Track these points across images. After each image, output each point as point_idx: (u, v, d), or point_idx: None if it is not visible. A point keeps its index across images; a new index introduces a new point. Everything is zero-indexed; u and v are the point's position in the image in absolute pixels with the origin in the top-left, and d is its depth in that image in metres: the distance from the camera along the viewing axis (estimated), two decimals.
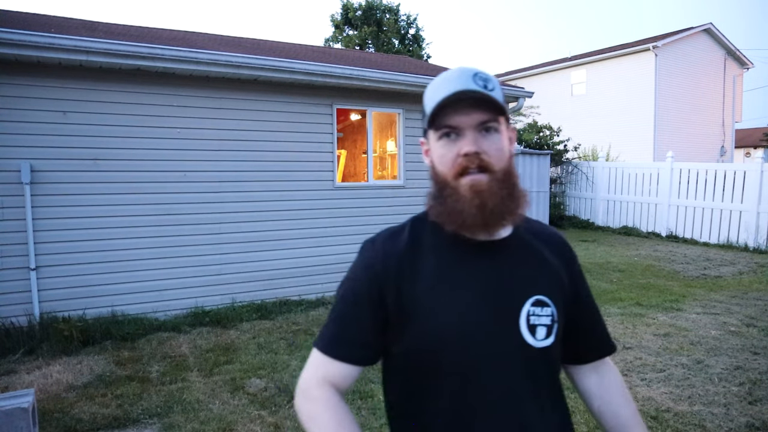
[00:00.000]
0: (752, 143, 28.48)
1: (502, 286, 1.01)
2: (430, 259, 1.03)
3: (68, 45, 4.70)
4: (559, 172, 14.26)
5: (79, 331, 4.72)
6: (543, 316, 1.01)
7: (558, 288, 1.07)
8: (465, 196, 0.96)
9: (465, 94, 0.94)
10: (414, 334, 1.00)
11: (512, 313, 1.00)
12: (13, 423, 2.68)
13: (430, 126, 1.01)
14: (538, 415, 1.01)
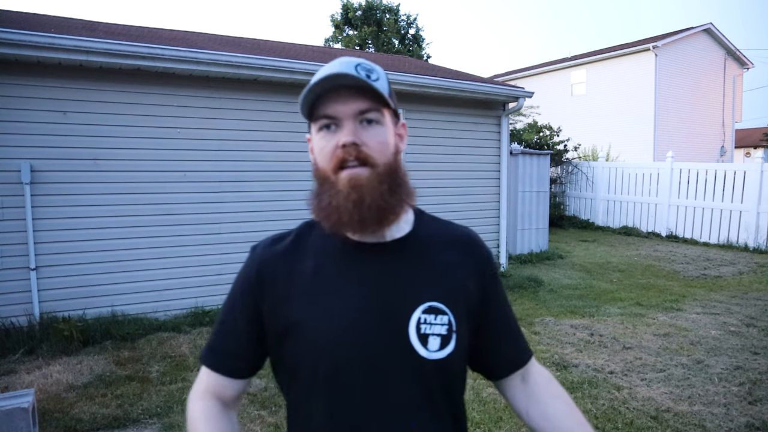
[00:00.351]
0: (752, 143, 28.49)
1: (391, 291, 0.92)
2: (311, 264, 0.96)
3: (68, 45, 4.70)
4: (559, 172, 14.26)
5: (79, 331, 4.71)
6: (436, 324, 0.92)
7: (461, 295, 0.97)
8: (342, 191, 0.88)
9: (339, 79, 0.87)
10: (291, 346, 0.94)
11: (400, 321, 0.91)
12: (13, 423, 2.68)
13: (310, 117, 0.94)
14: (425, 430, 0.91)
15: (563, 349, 4.76)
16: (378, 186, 0.89)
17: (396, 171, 0.94)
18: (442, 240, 1.03)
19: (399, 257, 0.96)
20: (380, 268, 0.94)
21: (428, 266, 0.97)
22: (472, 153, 7.72)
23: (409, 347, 0.90)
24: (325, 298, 0.93)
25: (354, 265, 0.95)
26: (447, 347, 0.92)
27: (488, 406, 3.64)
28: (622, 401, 3.71)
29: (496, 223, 8.06)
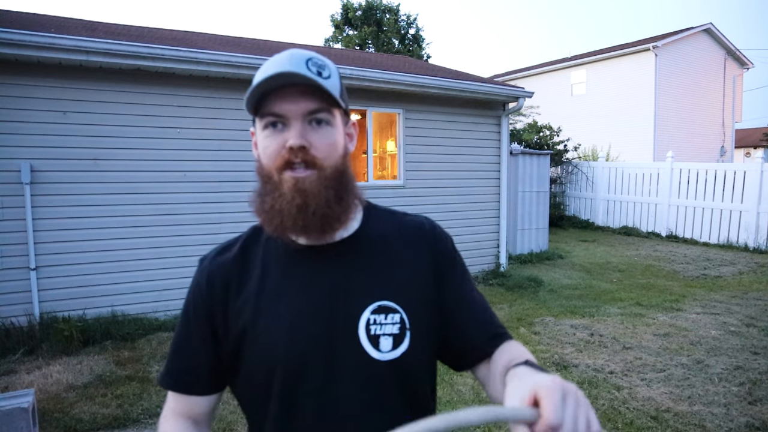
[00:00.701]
0: (752, 143, 28.49)
1: (339, 293, 0.90)
2: (258, 271, 0.94)
3: (68, 45, 4.70)
4: (559, 172, 14.26)
5: (79, 331, 4.72)
6: (387, 324, 0.89)
7: (414, 290, 0.93)
8: (286, 195, 0.85)
9: (289, 77, 0.83)
10: (243, 354, 0.91)
11: (349, 323, 0.88)
12: (13, 423, 2.68)
13: (256, 113, 0.89)
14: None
15: (563, 349, 4.76)
16: (324, 191, 0.86)
17: (344, 174, 0.90)
18: (392, 234, 0.99)
19: (346, 257, 0.93)
20: (327, 270, 0.92)
21: (377, 264, 0.94)
22: (472, 153, 7.72)
23: (359, 349, 0.87)
24: (273, 303, 0.91)
25: (301, 268, 0.92)
26: (400, 346, 0.89)
27: None
28: (622, 401, 3.71)
29: (496, 223, 8.05)
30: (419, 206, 6.87)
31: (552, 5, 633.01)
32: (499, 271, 7.88)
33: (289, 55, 0.87)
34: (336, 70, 0.92)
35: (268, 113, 0.86)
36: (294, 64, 0.84)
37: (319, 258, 0.92)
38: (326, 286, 0.90)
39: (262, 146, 0.88)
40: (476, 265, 7.73)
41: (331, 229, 0.89)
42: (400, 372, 0.89)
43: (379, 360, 0.87)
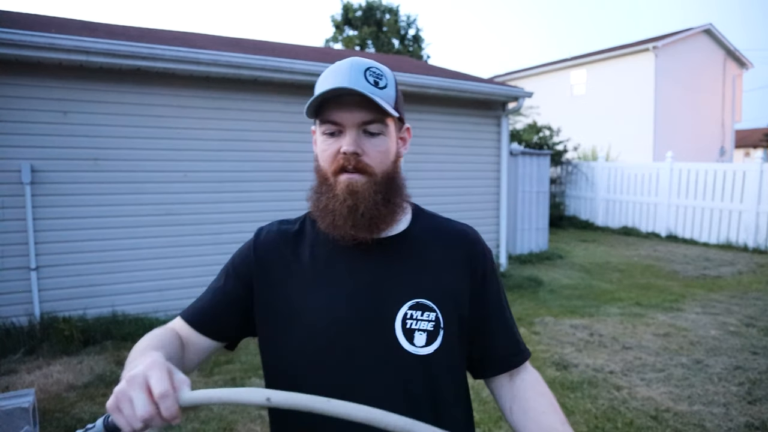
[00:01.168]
0: (752, 143, 28.47)
1: (380, 286, 0.95)
2: (308, 253, 1.00)
3: (68, 45, 4.70)
4: (559, 172, 14.27)
5: (79, 331, 4.72)
6: (423, 320, 0.93)
7: (452, 292, 0.98)
8: (339, 196, 0.93)
9: (345, 91, 0.89)
10: (281, 328, 0.97)
11: (387, 315, 0.93)
12: (14, 423, 2.68)
13: (316, 117, 0.97)
14: None
15: (563, 349, 4.77)
16: (373, 195, 0.92)
17: (393, 179, 0.98)
18: (437, 237, 1.04)
19: (391, 254, 0.98)
20: (372, 264, 0.97)
21: (420, 263, 0.99)
22: (472, 153, 7.73)
23: (393, 341, 0.92)
24: (317, 287, 0.96)
25: (348, 258, 0.98)
26: (433, 344, 0.93)
27: (488, 406, 3.65)
28: (622, 401, 3.71)
29: (496, 223, 8.06)
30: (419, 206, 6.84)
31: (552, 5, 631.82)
32: (499, 271, 7.88)
33: (350, 65, 0.93)
34: (393, 78, 0.98)
35: (326, 120, 0.94)
36: (353, 75, 0.91)
37: (365, 251, 0.97)
38: (368, 278, 0.96)
39: (321, 149, 0.97)
40: None
41: (378, 229, 0.96)
42: (428, 368, 0.93)
43: (411, 353, 0.92)
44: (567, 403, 3.69)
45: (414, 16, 23.60)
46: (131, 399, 0.67)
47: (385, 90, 0.93)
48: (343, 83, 0.89)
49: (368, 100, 0.89)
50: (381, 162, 0.94)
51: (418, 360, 0.92)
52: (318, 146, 0.99)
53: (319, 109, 0.94)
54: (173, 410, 0.67)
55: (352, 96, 0.90)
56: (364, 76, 0.91)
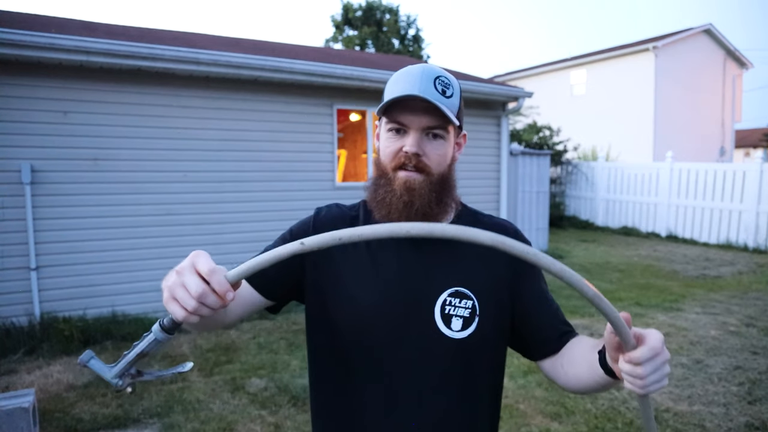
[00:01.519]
0: (752, 143, 28.47)
1: (423, 274, 1.03)
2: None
3: (69, 45, 4.70)
4: (559, 172, 14.26)
5: (79, 331, 4.72)
6: (460, 307, 1.01)
7: (490, 282, 1.05)
8: (396, 191, 1.00)
9: (417, 99, 0.96)
10: (331, 303, 1.04)
11: (428, 300, 1.01)
12: (14, 422, 2.69)
13: (383, 114, 1.03)
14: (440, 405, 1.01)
15: None
16: (428, 193, 1.01)
17: (447, 181, 1.07)
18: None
19: (434, 245, 1.06)
20: (418, 253, 1.05)
21: (460, 254, 1.06)
22: (472, 153, 7.73)
23: (432, 324, 1.00)
24: (366, 271, 1.04)
25: (396, 247, 1.05)
26: (468, 328, 1.01)
27: None
28: (622, 401, 3.71)
29: None
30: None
31: (552, 6, 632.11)
32: None
33: (421, 72, 1.00)
34: (459, 88, 1.05)
35: (393, 120, 1.01)
36: (424, 82, 0.98)
37: (413, 242, 1.05)
38: (414, 266, 1.04)
39: (384, 145, 1.04)
40: None
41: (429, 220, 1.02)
42: (462, 351, 1.01)
43: (449, 336, 1.00)
44: (567, 403, 3.69)
45: (414, 16, 23.59)
46: (183, 283, 0.74)
47: (451, 99, 1.00)
48: (414, 90, 0.96)
49: (435, 107, 0.97)
50: (438, 164, 1.03)
51: (453, 343, 1.00)
52: (381, 141, 1.06)
53: (388, 108, 1.00)
54: (224, 283, 0.72)
55: (421, 101, 0.97)
56: (433, 84, 0.98)
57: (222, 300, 0.73)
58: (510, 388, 3.96)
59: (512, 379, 4.12)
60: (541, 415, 3.54)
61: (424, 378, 1.00)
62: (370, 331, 1.01)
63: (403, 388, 1.00)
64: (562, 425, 3.40)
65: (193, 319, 0.74)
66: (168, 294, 0.75)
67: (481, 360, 1.05)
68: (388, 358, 1.00)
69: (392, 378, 1.00)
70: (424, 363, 1.00)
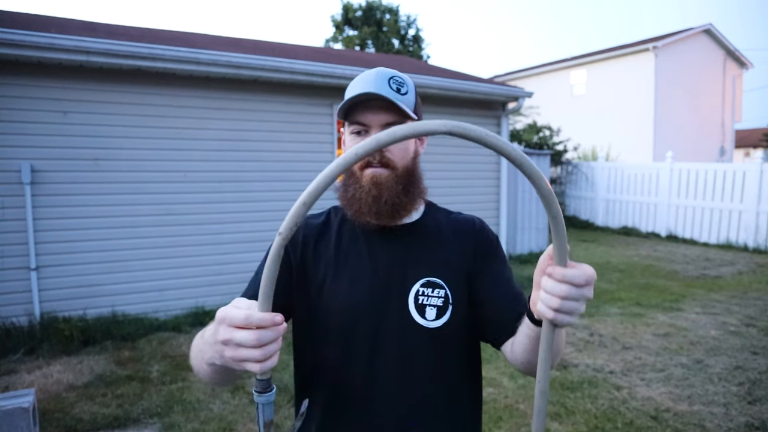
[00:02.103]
0: (752, 143, 28.45)
1: (396, 267, 1.08)
2: (335, 239, 1.13)
3: (69, 45, 4.70)
4: (559, 172, 14.26)
5: (79, 331, 4.72)
6: (433, 296, 1.06)
7: (459, 272, 1.09)
8: (365, 186, 1.05)
9: (372, 96, 1.02)
10: (307, 311, 1.09)
11: (401, 292, 1.06)
12: (14, 423, 2.68)
13: (344, 118, 1.09)
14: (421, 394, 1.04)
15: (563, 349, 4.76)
16: (395, 185, 1.05)
17: (413, 173, 1.11)
18: (445, 226, 1.17)
19: (406, 239, 1.11)
20: (390, 248, 1.10)
21: (430, 247, 1.12)
22: (472, 153, 7.73)
23: (407, 314, 1.05)
24: (340, 269, 1.09)
25: (368, 243, 1.11)
26: (443, 317, 1.06)
27: (488, 406, 3.65)
28: (622, 401, 3.71)
29: (496, 223, 8.06)
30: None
31: (551, 6, 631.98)
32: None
33: (375, 74, 1.06)
34: (413, 86, 1.12)
35: (354, 121, 1.07)
36: (379, 82, 1.04)
37: (384, 236, 1.11)
38: (386, 259, 1.09)
39: (348, 147, 1.10)
40: None
41: (399, 216, 1.09)
42: (438, 340, 1.06)
43: (423, 326, 1.05)
44: (567, 403, 3.69)
45: (414, 16, 23.58)
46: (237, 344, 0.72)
47: (407, 96, 1.07)
48: (370, 89, 1.02)
49: (391, 104, 1.03)
50: (402, 158, 1.08)
51: (428, 332, 1.05)
52: (346, 144, 1.11)
53: (348, 111, 1.07)
54: (264, 316, 0.71)
55: (378, 101, 1.03)
56: (388, 83, 1.05)
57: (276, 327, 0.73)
58: (510, 388, 3.96)
59: (512, 379, 4.12)
60: None
61: (404, 368, 1.04)
62: (348, 327, 1.05)
63: (384, 379, 1.03)
64: (562, 425, 3.40)
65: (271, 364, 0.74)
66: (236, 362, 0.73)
67: (458, 346, 1.09)
68: (367, 352, 1.04)
69: (373, 370, 1.04)
70: (402, 354, 1.04)
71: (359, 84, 1.05)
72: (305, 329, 1.12)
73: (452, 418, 1.09)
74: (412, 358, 1.04)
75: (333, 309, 1.06)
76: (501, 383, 4.05)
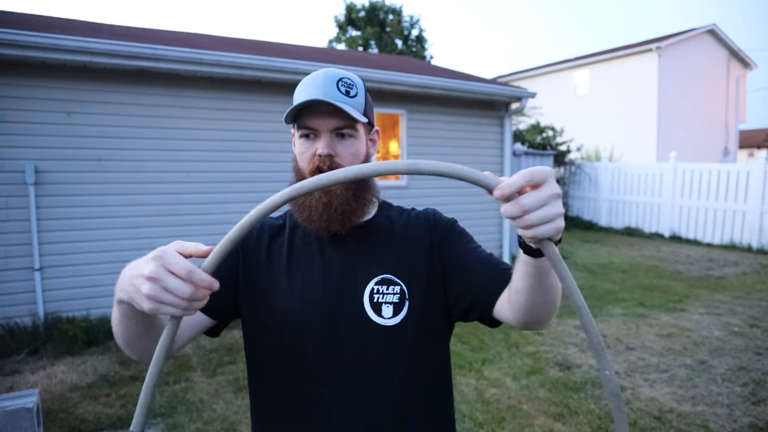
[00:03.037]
0: (756, 144, 28.38)
1: (349, 267, 1.06)
2: (286, 244, 1.11)
3: (72, 46, 4.72)
4: (562, 172, 14.23)
5: (83, 331, 4.73)
6: (389, 294, 1.04)
7: (415, 266, 1.07)
8: (314, 193, 1.02)
9: (320, 103, 0.99)
10: (264, 309, 1.06)
11: (355, 292, 1.04)
12: (18, 423, 2.69)
13: (293, 122, 1.07)
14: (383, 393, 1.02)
15: (566, 350, 4.76)
16: (344, 192, 1.03)
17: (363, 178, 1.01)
18: (398, 222, 1.15)
19: (359, 239, 1.09)
20: (342, 249, 1.08)
21: (383, 245, 1.10)
22: (475, 153, 7.73)
23: (363, 314, 1.02)
24: (292, 272, 1.07)
25: (320, 246, 1.09)
26: (399, 314, 1.03)
27: (491, 407, 3.64)
28: (626, 402, 3.70)
29: (499, 224, 8.05)
30: (422, 207, 6.85)
31: (554, 7, 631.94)
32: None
33: (324, 77, 1.03)
34: (363, 87, 1.09)
35: (303, 126, 1.05)
36: (327, 86, 1.01)
37: (336, 240, 1.08)
38: (339, 261, 1.07)
39: (299, 151, 1.07)
40: None
41: (350, 222, 1.06)
42: (398, 337, 1.03)
43: (381, 325, 1.02)
44: (570, 403, 3.69)
45: (417, 17, 23.58)
46: (166, 287, 0.69)
47: (356, 98, 1.04)
48: (317, 95, 0.99)
49: (339, 109, 1.00)
50: (352, 162, 1.04)
51: (386, 330, 1.02)
52: (296, 148, 1.08)
53: (297, 115, 1.04)
54: (206, 278, 0.70)
55: (325, 105, 1.00)
56: (336, 86, 1.02)
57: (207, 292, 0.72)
58: (513, 388, 3.96)
59: (515, 379, 4.12)
60: (544, 415, 3.53)
61: (363, 368, 1.01)
62: (302, 331, 1.03)
63: (344, 381, 1.01)
64: (565, 426, 3.39)
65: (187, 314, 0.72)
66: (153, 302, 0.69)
67: (420, 342, 1.06)
68: (324, 355, 1.02)
69: (332, 372, 1.02)
70: (360, 354, 1.02)
71: (306, 88, 1.02)
72: (252, 332, 1.10)
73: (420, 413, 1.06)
74: (371, 356, 1.02)
75: (282, 313, 1.04)
76: (504, 383, 4.04)
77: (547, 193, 0.68)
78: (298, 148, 1.08)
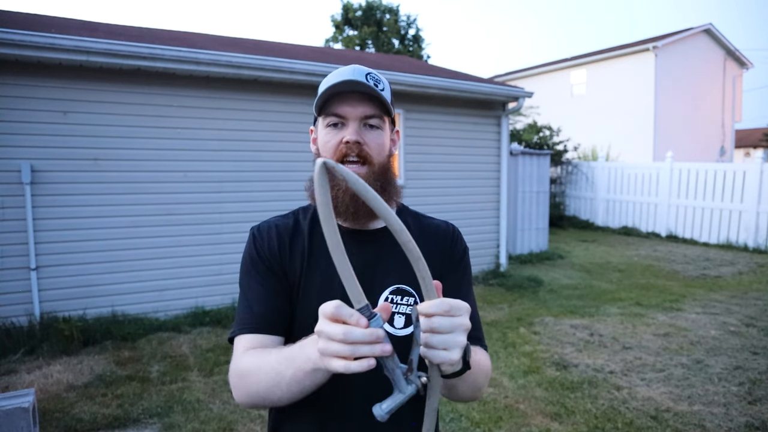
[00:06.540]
0: (752, 143, 28.46)
1: (365, 273, 1.03)
2: (305, 243, 1.09)
3: (69, 45, 4.70)
4: (559, 172, 14.26)
5: (79, 331, 4.72)
6: (402, 304, 1.03)
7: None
8: (341, 184, 1.00)
9: (354, 85, 0.98)
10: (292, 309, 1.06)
11: (370, 299, 1.01)
12: (14, 423, 2.68)
13: (320, 113, 1.05)
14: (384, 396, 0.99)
15: (563, 349, 4.77)
16: (372, 183, 1.00)
17: (388, 171, 1.07)
18: (416, 230, 1.12)
19: (376, 244, 1.08)
20: (361, 252, 1.05)
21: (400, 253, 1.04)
22: (472, 153, 7.73)
23: None
24: (312, 275, 1.06)
25: None
26: (411, 326, 1.02)
27: (488, 406, 3.65)
28: (622, 401, 3.71)
29: (496, 223, 8.06)
30: (420, 206, 6.81)
31: (551, 7, 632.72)
32: (499, 271, 7.88)
33: (352, 69, 1.02)
34: (388, 85, 1.08)
35: (331, 113, 1.02)
36: (357, 75, 1.00)
37: (355, 240, 1.06)
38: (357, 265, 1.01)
39: (323, 141, 1.05)
40: (476, 265, 7.73)
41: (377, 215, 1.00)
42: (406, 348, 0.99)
43: (392, 334, 1.01)
44: (567, 403, 3.69)
45: (414, 16, 23.56)
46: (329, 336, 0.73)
47: (384, 92, 1.02)
48: (350, 77, 0.98)
49: (370, 97, 1.00)
50: (379, 153, 1.03)
51: (395, 340, 0.98)
52: (320, 139, 1.06)
53: (324, 104, 1.02)
54: (365, 335, 0.71)
55: (356, 94, 0.99)
56: (365, 78, 1.00)
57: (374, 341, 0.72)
58: (510, 388, 3.96)
59: (512, 379, 4.12)
60: (541, 415, 3.54)
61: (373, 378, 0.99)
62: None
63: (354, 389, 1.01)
64: (562, 425, 3.40)
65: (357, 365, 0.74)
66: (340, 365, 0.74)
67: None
68: None
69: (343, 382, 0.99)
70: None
71: (336, 77, 1.01)
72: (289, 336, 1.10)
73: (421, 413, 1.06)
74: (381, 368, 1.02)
75: (302, 315, 1.04)
76: (501, 383, 4.05)
77: (457, 322, 0.74)
78: (322, 138, 1.06)
